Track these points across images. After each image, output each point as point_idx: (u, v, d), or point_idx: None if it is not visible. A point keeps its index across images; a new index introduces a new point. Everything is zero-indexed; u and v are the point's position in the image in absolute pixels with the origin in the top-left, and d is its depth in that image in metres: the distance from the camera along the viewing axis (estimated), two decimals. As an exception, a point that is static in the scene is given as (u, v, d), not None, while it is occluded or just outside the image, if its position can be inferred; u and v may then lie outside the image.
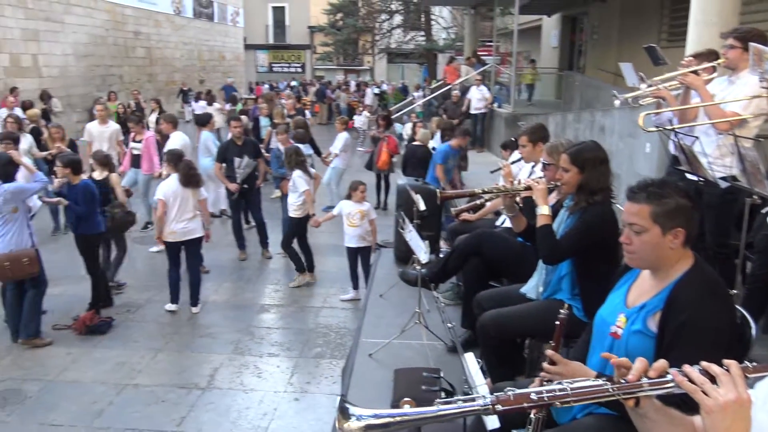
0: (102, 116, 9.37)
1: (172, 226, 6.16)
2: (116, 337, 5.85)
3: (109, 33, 21.17)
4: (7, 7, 16.09)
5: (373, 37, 30.12)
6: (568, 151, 3.07)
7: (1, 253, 5.38)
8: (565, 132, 10.40)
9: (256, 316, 6.41)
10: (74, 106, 18.98)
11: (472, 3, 19.13)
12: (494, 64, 17.22)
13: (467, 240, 3.96)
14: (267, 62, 42.08)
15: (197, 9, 28.96)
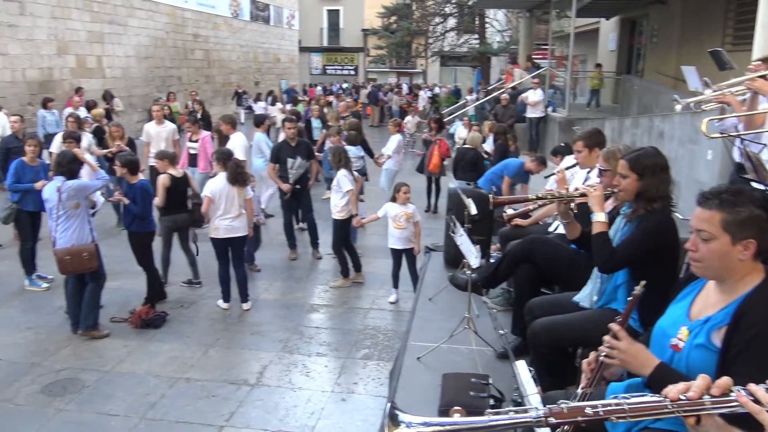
0: (158, 116, 9.64)
1: (217, 222, 6.29)
2: (170, 331, 6.00)
3: (169, 36, 21.80)
4: (75, 11, 16.75)
5: (426, 40, 30.07)
6: (627, 157, 2.98)
7: (62, 247, 5.60)
8: (622, 137, 10.16)
9: (305, 316, 6.47)
10: (135, 106, 19.61)
11: (527, 6, 18.90)
12: (549, 67, 16.98)
13: (519, 245, 3.90)
14: (321, 64, 42.58)
15: (254, 12, 29.52)
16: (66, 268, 5.65)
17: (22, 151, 8.15)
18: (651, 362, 1.88)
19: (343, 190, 7.03)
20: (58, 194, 5.54)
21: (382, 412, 4.24)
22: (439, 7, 28.16)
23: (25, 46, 15.02)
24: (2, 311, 6.39)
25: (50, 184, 5.71)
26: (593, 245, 2.97)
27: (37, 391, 4.82)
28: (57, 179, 5.64)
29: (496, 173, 8.12)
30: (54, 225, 5.63)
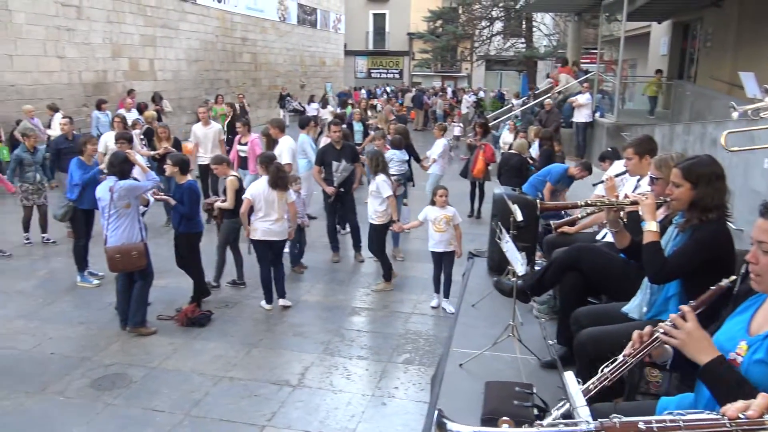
0: (204, 118, 9.89)
1: (256, 224, 6.37)
2: (214, 330, 6.10)
3: (218, 39, 22.23)
4: (129, 15, 17.24)
5: (472, 44, 29.92)
6: (680, 165, 2.90)
7: (112, 246, 5.76)
8: (673, 144, 9.91)
9: (346, 318, 6.50)
10: (184, 108, 20.05)
11: (576, 9, 18.63)
12: (598, 72, 16.70)
13: (566, 253, 3.83)
14: (366, 68, 42.78)
15: (301, 16, 29.88)
16: (116, 266, 5.82)
17: (72, 151, 8.45)
18: (711, 351, 1.86)
19: (383, 196, 7.04)
20: (110, 194, 5.71)
21: (423, 418, 4.23)
22: (486, 11, 27.99)
23: (81, 50, 15.52)
24: (56, 306, 6.61)
25: (103, 183, 5.89)
26: (644, 255, 2.90)
27: (87, 385, 4.96)
28: (109, 179, 5.82)
29: (539, 179, 8.02)
30: (105, 223, 5.80)
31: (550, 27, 29.76)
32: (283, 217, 6.41)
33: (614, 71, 17.97)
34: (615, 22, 19.70)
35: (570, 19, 20.98)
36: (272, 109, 25.96)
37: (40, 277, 7.52)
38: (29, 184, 8.45)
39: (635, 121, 14.29)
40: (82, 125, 14.61)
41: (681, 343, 1.89)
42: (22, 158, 8.38)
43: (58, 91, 14.75)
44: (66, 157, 8.68)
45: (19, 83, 13.71)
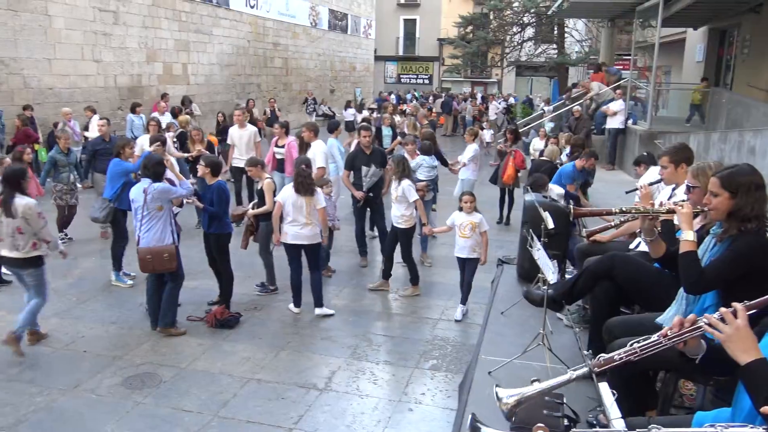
0: (240, 121, 10.02)
1: (285, 228, 6.41)
2: (243, 332, 6.15)
3: (250, 44, 22.51)
4: (164, 20, 17.56)
5: (502, 49, 29.78)
6: (719, 174, 2.85)
7: (144, 247, 5.85)
8: (709, 153, 9.72)
9: (374, 323, 6.50)
10: (215, 112, 20.28)
11: (609, 15, 18.42)
12: (630, 78, 16.47)
13: (598, 262, 3.78)
14: (395, 73, 42.89)
15: (332, 21, 30.09)
16: (147, 266, 5.90)
17: (109, 152, 8.61)
18: (755, 352, 1.84)
19: (409, 200, 7.03)
20: (144, 195, 5.79)
21: (450, 425, 4.19)
22: (518, 17, 27.84)
23: (117, 54, 15.85)
24: (89, 305, 6.73)
25: (137, 185, 5.98)
26: (680, 264, 2.84)
27: (118, 384, 5.04)
28: (144, 181, 5.91)
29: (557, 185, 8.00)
30: (138, 225, 5.89)
31: (583, 33, 29.46)
32: (312, 222, 6.42)
33: (648, 78, 17.69)
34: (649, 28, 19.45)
35: (603, 25, 20.74)
36: (302, 113, 26.16)
37: (74, 276, 7.67)
38: (63, 184, 8.69)
39: (669, 128, 14.05)
40: (116, 128, 14.88)
41: (726, 337, 1.87)
42: (56, 159, 8.61)
43: (94, 94, 15.07)
44: (102, 158, 8.89)
45: (57, 86, 14.05)
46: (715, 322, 1.91)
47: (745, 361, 1.81)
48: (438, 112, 26.47)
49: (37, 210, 5.45)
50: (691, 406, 3.34)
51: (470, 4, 35.07)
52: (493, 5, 27.69)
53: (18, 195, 5.41)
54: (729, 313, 1.89)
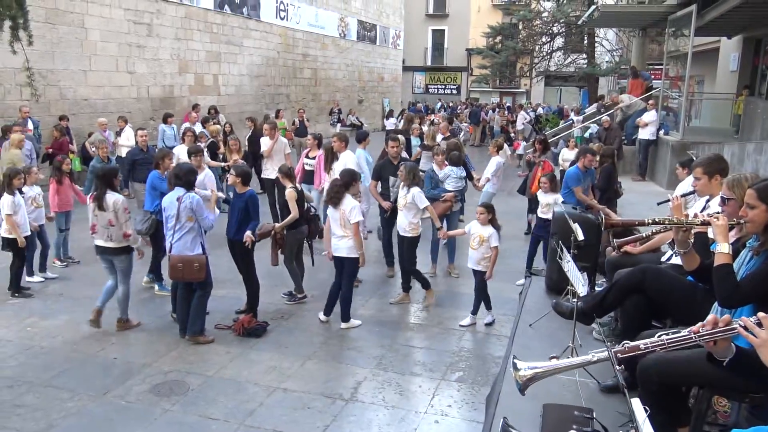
0: (270, 133, 10.12)
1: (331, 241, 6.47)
2: (270, 341, 6.17)
3: (280, 55, 22.76)
4: (196, 32, 17.86)
5: (531, 59, 29.63)
6: (756, 186, 2.78)
7: (176, 255, 5.93)
8: (744, 164, 9.52)
9: (400, 334, 6.47)
10: (245, 122, 20.52)
11: (641, 24, 18.22)
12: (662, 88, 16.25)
13: (630, 274, 3.71)
14: (423, 83, 42.95)
15: (361, 32, 30.27)
16: (176, 274, 5.98)
17: (147, 162, 8.78)
18: None
19: (419, 207, 7.05)
20: (178, 204, 5.85)
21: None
22: (547, 27, 27.68)
23: (150, 65, 16.15)
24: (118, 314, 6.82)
25: (170, 194, 6.05)
26: (715, 278, 2.78)
27: (147, 390, 5.09)
28: (177, 190, 5.97)
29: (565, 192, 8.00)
30: (170, 233, 5.96)
31: (613, 42, 29.18)
32: (347, 234, 6.38)
33: (680, 88, 17.43)
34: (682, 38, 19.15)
35: (634, 35, 20.51)
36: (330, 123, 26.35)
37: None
38: None
39: (702, 138, 13.81)
40: (149, 138, 15.17)
41: (762, 342, 1.83)
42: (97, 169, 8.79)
43: (127, 105, 15.37)
44: (141, 168, 9.08)
45: (92, 97, 14.36)
46: (751, 326, 1.87)
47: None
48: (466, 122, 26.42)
49: (124, 206, 6.18)
50: (726, 423, 3.25)
51: (499, 15, 35.02)
52: (522, 15, 27.61)
53: (109, 191, 6.15)
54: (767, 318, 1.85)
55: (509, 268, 8.11)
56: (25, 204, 7.29)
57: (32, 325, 6.43)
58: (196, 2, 17.68)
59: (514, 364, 2.52)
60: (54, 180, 8.03)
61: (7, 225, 7.10)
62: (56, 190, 8.02)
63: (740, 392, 2.79)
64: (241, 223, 6.49)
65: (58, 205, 8.06)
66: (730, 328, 2.03)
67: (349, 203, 6.41)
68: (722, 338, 2.11)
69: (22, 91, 12.36)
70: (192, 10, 17.56)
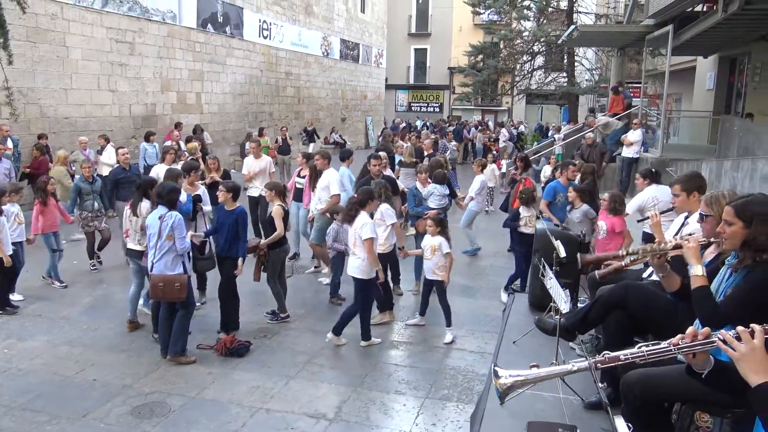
0: (255, 152, 10.12)
1: None
2: (253, 360, 6.11)
3: (263, 74, 22.80)
4: (179, 51, 17.84)
5: (513, 78, 29.96)
6: (733, 203, 2.82)
7: (158, 274, 5.86)
8: (721, 181, 9.66)
9: (384, 352, 6.44)
10: (228, 140, 20.52)
11: (619, 44, 18.52)
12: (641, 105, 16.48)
13: (611, 291, 3.74)
14: (406, 101, 43.19)
15: (344, 51, 30.46)
16: (157, 293, 5.91)
17: (130, 180, 8.77)
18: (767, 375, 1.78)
19: (386, 223, 7.09)
20: (159, 222, 5.81)
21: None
22: (528, 46, 28.04)
23: (132, 84, 16.09)
24: (99, 333, 6.73)
25: (153, 212, 6.00)
26: (694, 301, 2.81)
27: (127, 413, 5.01)
28: (160, 208, 5.93)
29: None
30: (152, 252, 5.90)
31: (593, 61, 29.62)
32: (356, 254, 6.32)
33: (658, 105, 17.70)
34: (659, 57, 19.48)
35: (612, 54, 20.83)
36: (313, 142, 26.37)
37: (84, 304, 7.69)
38: (88, 211, 8.81)
39: (680, 155, 14.01)
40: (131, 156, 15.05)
41: (740, 356, 1.84)
42: (80, 188, 8.73)
43: (108, 123, 15.26)
44: (124, 187, 9.01)
45: (73, 116, 14.25)
46: (730, 339, 1.89)
47: (757, 383, 1.78)
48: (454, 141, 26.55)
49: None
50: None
51: (480, 34, 35.37)
52: (503, 35, 27.94)
53: (144, 200, 6.56)
54: (746, 332, 1.86)
55: (491, 284, 8.13)
56: (8, 221, 7.20)
57: (9, 346, 6.31)
58: (179, 21, 17.69)
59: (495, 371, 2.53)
60: (38, 201, 7.93)
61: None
62: (41, 212, 7.88)
63: (722, 407, 2.81)
64: (230, 239, 6.46)
65: (44, 227, 7.93)
66: (710, 341, 2.06)
67: (361, 220, 6.32)
68: (701, 351, 2.13)
69: (1, 110, 12.24)
70: (175, 28, 17.57)
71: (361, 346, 6.47)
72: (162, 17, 16.96)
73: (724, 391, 2.47)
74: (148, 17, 16.43)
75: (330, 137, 27.97)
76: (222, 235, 6.57)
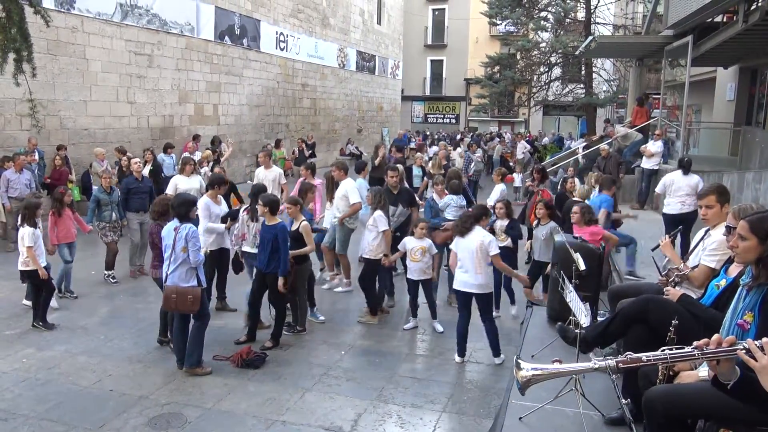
0: (264, 162, 10.18)
1: None
2: (269, 372, 6.11)
3: (279, 85, 22.96)
4: (197, 63, 18.04)
5: (530, 89, 29.90)
6: (749, 218, 2.79)
7: (171, 285, 5.86)
8: (743, 193, 9.56)
9: (400, 365, 6.41)
10: (245, 152, 20.66)
11: (638, 55, 18.44)
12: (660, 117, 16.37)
13: (632, 305, 3.70)
14: (422, 113, 43.31)
15: (360, 62, 30.62)
16: (170, 305, 5.91)
17: (142, 191, 8.86)
18: None
19: (379, 230, 7.29)
20: (174, 234, 5.85)
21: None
22: (545, 57, 27.99)
23: (150, 96, 16.29)
24: (116, 344, 6.77)
25: (169, 224, 6.03)
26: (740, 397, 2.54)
27: (144, 424, 5.02)
28: (175, 220, 5.96)
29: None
30: (167, 264, 5.92)
31: (611, 72, 29.48)
32: (478, 270, 6.21)
33: (678, 117, 17.58)
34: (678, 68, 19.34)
35: (631, 65, 20.74)
36: (330, 152, 26.47)
37: (102, 314, 7.75)
38: (106, 222, 8.90)
39: (701, 167, 13.86)
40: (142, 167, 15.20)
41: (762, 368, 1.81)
42: (99, 198, 8.82)
43: (127, 135, 15.45)
44: (134, 198, 9.10)
45: (92, 127, 14.45)
46: (754, 349, 1.85)
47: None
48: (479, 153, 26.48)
49: None
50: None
51: (497, 45, 35.43)
52: (520, 45, 27.91)
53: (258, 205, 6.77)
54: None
55: (506, 296, 8.05)
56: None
57: (28, 356, 6.37)
58: (197, 33, 17.89)
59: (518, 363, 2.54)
60: (53, 211, 7.94)
61: (29, 257, 7.08)
62: (55, 222, 7.92)
63: (748, 424, 2.76)
64: (271, 255, 6.46)
65: (59, 237, 8.00)
66: (734, 348, 2.02)
67: (484, 235, 6.20)
68: (725, 358, 2.09)
69: (22, 121, 12.43)
70: (193, 41, 17.78)
71: (496, 364, 6.37)
72: (180, 30, 17.18)
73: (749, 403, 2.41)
74: (166, 30, 16.65)
75: (346, 148, 28.08)
76: (263, 251, 6.56)
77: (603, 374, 4.30)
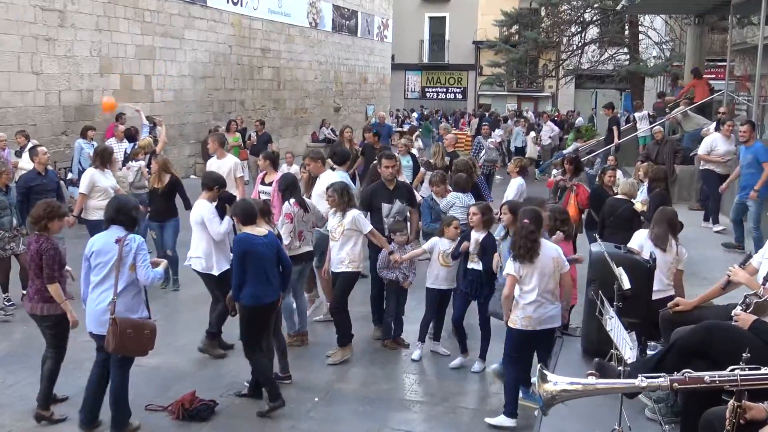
0: (216, 150, 10.19)
1: None
2: (219, 425, 6.07)
3: (232, 50, 22.93)
4: (123, 21, 17.97)
5: (558, 55, 30.08)
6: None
7: (125, 318, 5.61)
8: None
9: (393, 415, 6.42)
10: (187, 137, 20.60)
11: (696, 10, 18.60)
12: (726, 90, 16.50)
13: (691, 335, 3.74)
14: (419, 86, 43.42)
15: (338, 21, 30.59)
16: (123, 344, 5.58)
17: (46, 189, 8.63)
18: None
19: (363, 232, 7.33)
20: (120, 247, 5.61)
21: None
22: (577, 14, 28.13)
23: (62, 64, 16.21)
24: (16, 390, 6.70)
25: (104, 234, 5.80)
26: None
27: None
28: (115, 229, 5.73)
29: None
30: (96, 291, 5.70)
31: (663, 33, 29.67)
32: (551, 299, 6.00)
33: (749, 90, 17.74)
34: (750, 27, 19.51)
35: (688, 23, 20.91)
36: (299, 137, 26.45)
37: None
38: (5, 231, 8.52)
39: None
40: (60, 157, 15.12)
41: None
42: None
43: (31, 116, 15.35)
44: (37, 198, 8.82)
45: (-16, 106, 14.35)
46: None
47: None
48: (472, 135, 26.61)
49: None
50: None
51: (515, -2, 35.64)
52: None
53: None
54: None
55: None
56: None
57: None
58: (124, -17, 17.88)
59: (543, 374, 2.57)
60: None
61: None
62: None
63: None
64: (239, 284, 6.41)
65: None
66: None
67: (551, 246, 5.81)
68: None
69: None
70: (118, -7, 17.75)
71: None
72: (102, -22, 17.15)
73: None
74: (83, -22, 16.61)
75: (319, 133, 28.04)
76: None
77: (652, 424, 4.35)
